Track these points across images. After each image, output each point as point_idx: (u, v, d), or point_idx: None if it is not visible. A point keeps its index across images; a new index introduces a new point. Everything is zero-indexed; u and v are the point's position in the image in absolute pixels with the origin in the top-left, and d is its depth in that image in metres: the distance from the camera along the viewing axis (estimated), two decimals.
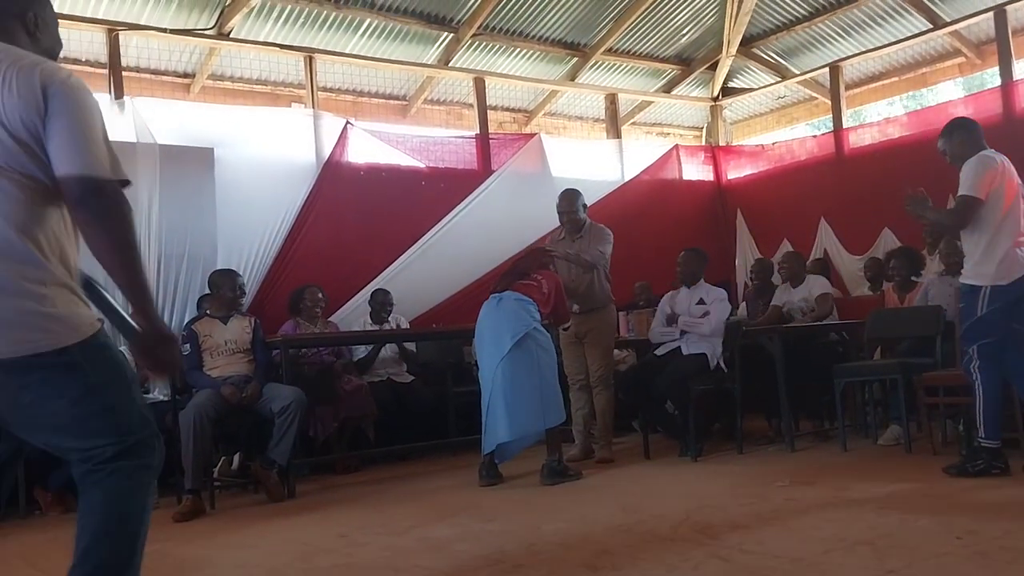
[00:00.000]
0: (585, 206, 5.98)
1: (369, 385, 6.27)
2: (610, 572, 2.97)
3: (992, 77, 8.75)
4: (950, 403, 4.97)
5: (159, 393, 5.77)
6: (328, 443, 6.00)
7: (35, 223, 1.95)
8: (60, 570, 3.75)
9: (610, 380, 5.80)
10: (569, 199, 5.91)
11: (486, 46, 8.63)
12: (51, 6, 2.21)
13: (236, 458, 5.74)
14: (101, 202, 1.94)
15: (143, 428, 2.03)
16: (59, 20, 2.26)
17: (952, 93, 12.17)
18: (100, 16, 6.78)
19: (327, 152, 7.23)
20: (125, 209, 1.97)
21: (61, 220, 2.01)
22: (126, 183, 2.01)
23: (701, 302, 5.76)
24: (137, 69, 7.43)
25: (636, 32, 9.07)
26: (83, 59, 7.17)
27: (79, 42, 6.98)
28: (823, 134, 9.43)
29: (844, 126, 8.94)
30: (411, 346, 6.90)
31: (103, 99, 6.66)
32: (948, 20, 8.31)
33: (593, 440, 5.89)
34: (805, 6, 8.86)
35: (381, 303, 6.73)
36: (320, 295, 6.34)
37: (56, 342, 1.93)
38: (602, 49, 9.03)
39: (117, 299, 2.16)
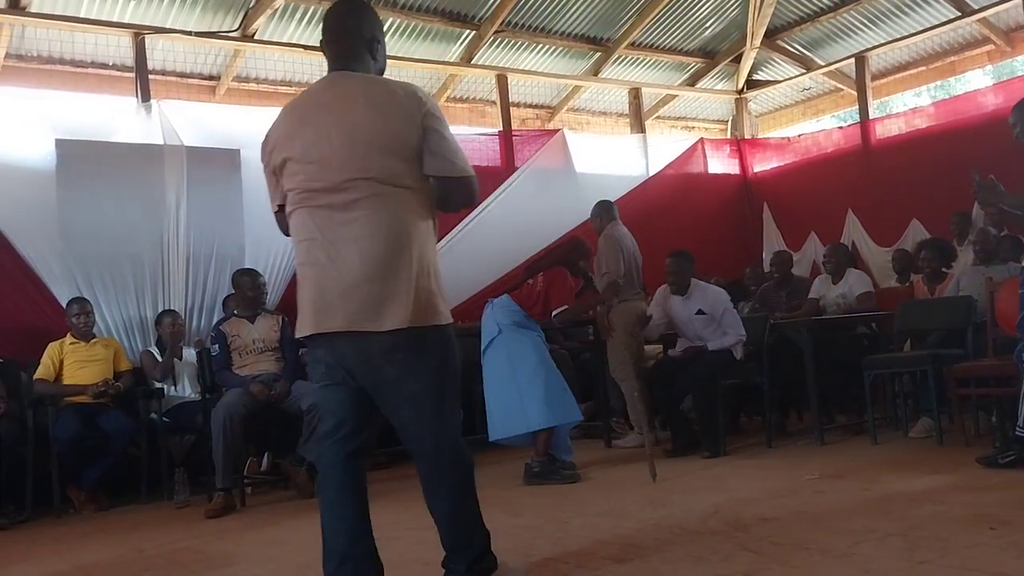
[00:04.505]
0: (601, 217, 6.25)
1: None
2: (638, 564, 2.97)
3: (1023, 64, 8.63)
4: (982, 394, 4.91)
5: (190, 392, 5.84)
6: None
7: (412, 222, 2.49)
8: (92, 565, 3.82)
9: (625, 373, 5.79)
10: (600, 208, 6.31)
11: (508, 43, 8.64)
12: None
13: (265, 459, 5.78)
14: (471, 192, 2.60)
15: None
16: (85, 25, 2.43)
17: (981, 81, 12.04)
18: (126, 20, 6.85)
19: None
20: (476, 189, 2.62)
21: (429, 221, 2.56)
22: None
23: (701, 312, 5.64)
24: (163, 72, 7.50)
25: (659, 26, 9.03)
26: (110, 63, 7.26)
27: (106, 46, 7.06)
28: (849, 125, 9.36)
29: (870, 117, 8.87)
30: None
31: (130, 103, 6.75)
32: (976, 7, 8.19)
33: (614, 434, 5.91)
34: None
35: None
36: None
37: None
38: (625, 43, 9.00)
39: None
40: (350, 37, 2.61)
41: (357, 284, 2.43)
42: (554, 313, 5.12)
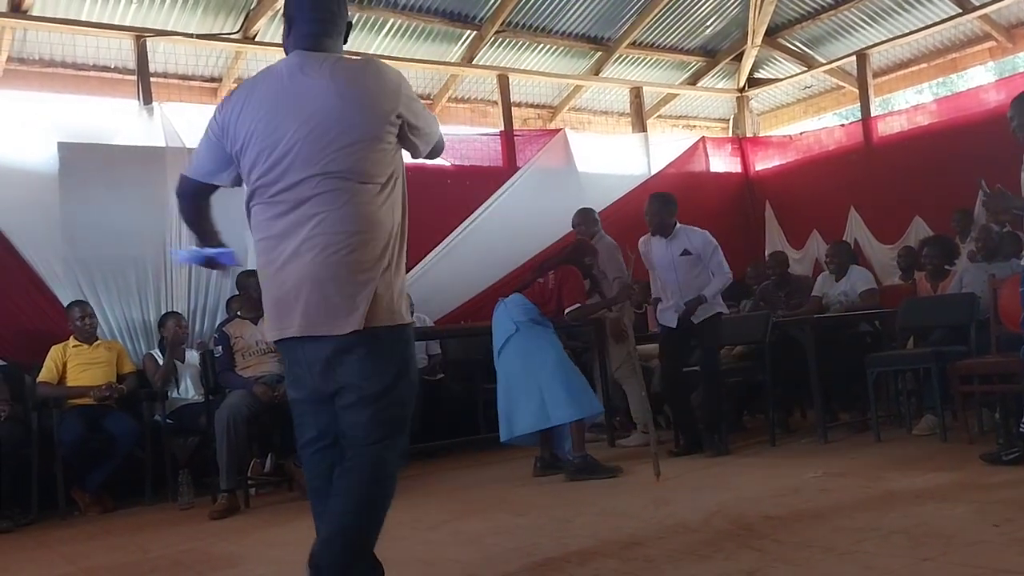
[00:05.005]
0: (597, 220, 6.30)
1: None
2: (642, 563, 2.97)
3: None
4: (985, 391, 4.90)
5: (194, 394, 5.85)
6: None
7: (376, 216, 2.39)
8: (97, 567, 3.83)
9: (631, 371, 5.81)
10: (584, 215, 6.30)
11: (509, 43, 8.64)
12: None
13: (269, 460, 5.79)
14: (441, 147, 2.65)
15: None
16: (86, 28, 2.43)
17: (983, 78, 12.01)
18: (127, 23, 6.87)
19: None
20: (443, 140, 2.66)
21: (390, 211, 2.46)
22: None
23: (686, 253, 5.49)
24: (165, 75, 7.51)
25: (660, 25, 9.02)
26: (112, 66, 7.27)
27: (107, 49, 7.07)
28: (851, 123, 9.35)
29: (872, 115, 8.85)
30: (435, 346, 6.92)
31: (132, 105, 6.76)
32: (977, 4, 8.18)
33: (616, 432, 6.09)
34: None
35: None
36: None
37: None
38: (626, 43, 9.00)
39: None
40: (337, 16, 2.48)
41: (313, 285, 2.29)
42: (567, 311, 5.04)
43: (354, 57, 2.50)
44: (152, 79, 6.93)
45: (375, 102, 2.35)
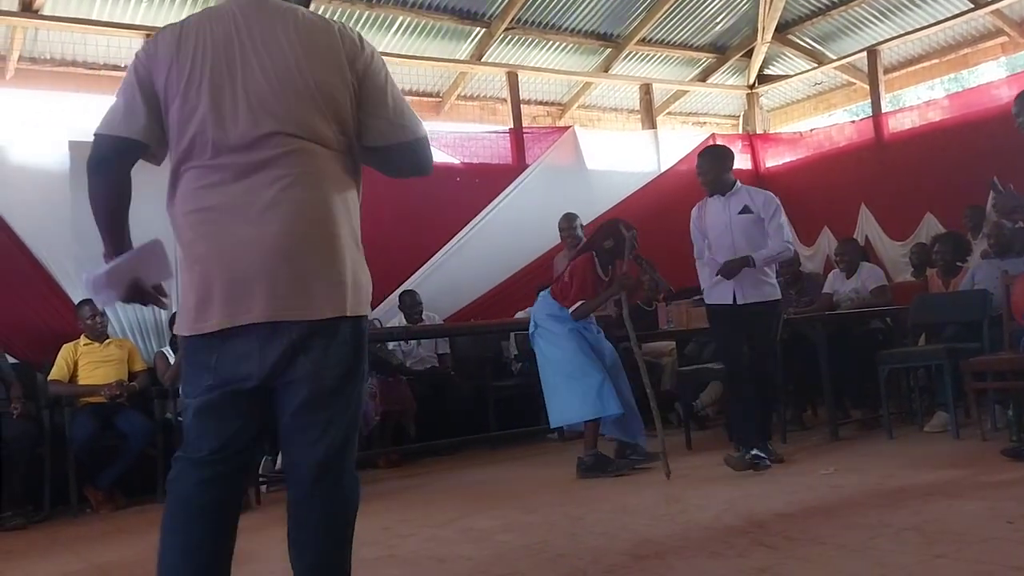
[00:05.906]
0: (582, 225, 6.50)
1: (407, 381, 6.37)
2: (653, 560, 2.96)
3: None
4: (998, 388, 4.88)
5: None
6: (370, 438, 6.05)
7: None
8: (109, 564, 3.84)
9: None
10: (569, 219, 6.51)
11: (519, 40, 8.63)
12: None
13: (279, 457, 5.80)
14: (425, 156, 2.20)
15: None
16: (97, 27, 2.33)
17: (995, 74, 11.95)
18: (138, 22, 6.89)
19: None
20: (430, 153, 2.25)
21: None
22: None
23: (746, 211, 4.82)
24: None
25: (669, 21, 9.01)
26: (123, 65, 7.28)
27: (118, 48, 7.09)
28: (862, 119, 9.31)
29: (883, 111, 8.80)
30: (444, 344, 6.93)
31: None
32: None
33: None
34: None
35: (410, 305, 6.73)
36: None
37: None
38: (635, 39, 8.99)
39: None
40: None
41: (282, 261, 1.91)
42: (571, 310, 4.93)
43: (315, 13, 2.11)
44: None
45: (344, 64, 1.99)
